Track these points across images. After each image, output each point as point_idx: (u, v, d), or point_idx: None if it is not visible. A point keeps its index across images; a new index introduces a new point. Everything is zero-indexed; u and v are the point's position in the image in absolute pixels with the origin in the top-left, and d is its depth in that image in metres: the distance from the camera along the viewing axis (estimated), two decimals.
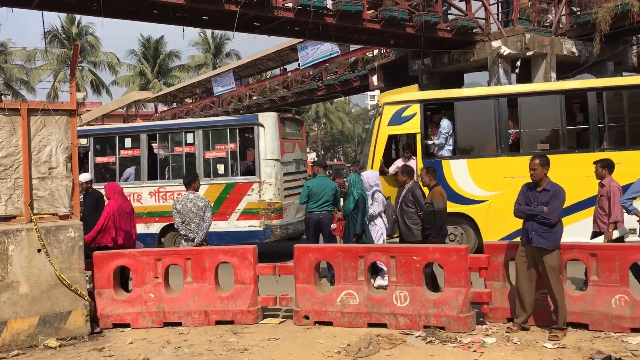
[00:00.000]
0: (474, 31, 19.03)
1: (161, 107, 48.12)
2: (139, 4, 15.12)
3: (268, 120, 11.35)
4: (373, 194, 8.95)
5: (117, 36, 72.91)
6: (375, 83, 23.87)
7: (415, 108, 10.70)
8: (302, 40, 25.30)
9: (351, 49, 27.26)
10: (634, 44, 21.65)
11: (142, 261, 7.27)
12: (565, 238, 6.14)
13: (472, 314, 6.44)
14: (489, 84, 18.81)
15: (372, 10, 17.82)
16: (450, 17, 19.37)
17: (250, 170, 11.72)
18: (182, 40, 76.12)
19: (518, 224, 6.39)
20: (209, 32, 50.13)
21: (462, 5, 19.48)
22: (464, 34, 18.88)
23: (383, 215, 8.92)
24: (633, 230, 7.74)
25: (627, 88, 10.52)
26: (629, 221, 7.51)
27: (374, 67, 24.06)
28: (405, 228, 8.07)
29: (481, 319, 6.65)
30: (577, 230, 9.16)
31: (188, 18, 16.43)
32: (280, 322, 7.07)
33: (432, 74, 21.14)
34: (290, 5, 16.13)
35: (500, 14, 20.46)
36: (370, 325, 6.61)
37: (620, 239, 7.42)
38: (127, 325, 7.13)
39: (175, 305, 7.15)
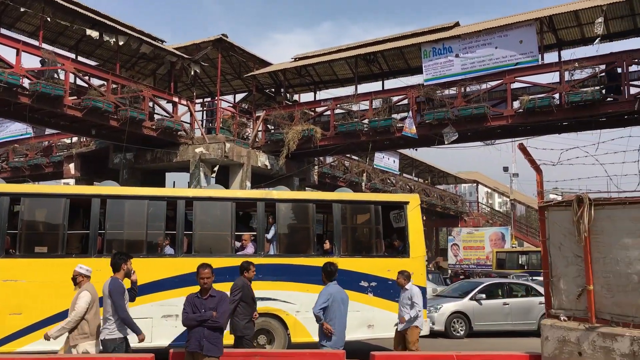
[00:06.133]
0: (178, 133, 19.60)
1: None
2: None
3: None
4: None
5: None
6: (72, 172, 22.51)
7: None
8: None
9: (47, 132, 25.40)
10: (316, 165, 24.86)
11: None
12: None
13: None
14: (189, 186, 19.32)
15: (75, 97, 17.06)
16: (156, 116, 19.68)
17: None
18: None
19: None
20: None
21: (169, 107, 20.06)
22: (168, 134, 19.29)
23: None
24: None
25: (125, 198, 10.61)
26: None
27: (72, 154, 22.75)
28: None
29: None
30: None
31: None
32: None
33: (133, 170, 20.86)
34: None
35: (204, 121, 21.60)
36: None
37: None
38: None
39: None
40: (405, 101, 19.21)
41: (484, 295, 15.25)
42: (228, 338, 7.30)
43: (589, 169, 6.35)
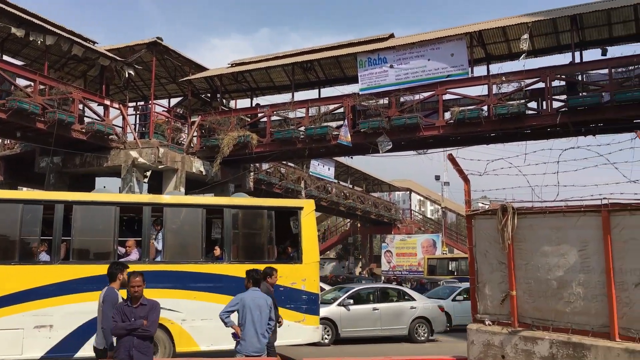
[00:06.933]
0: (109, 137, 19.06)
1: None
2: None
3: None
4: None
5: None
6: None
7: None
8: None
9: None
10: (252, 171, 24.73)
11: None
12: None
13: None
14: (120, 191, 18.79)
15: None
16: (87, 119, 19.05)
17: None
18: None
19: None
20: None
21: (101, 110, 19.46)
22: (99, 138, 18.72)
23: None
24: None
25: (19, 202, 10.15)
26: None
27: None
28: None
29: None
30: None
31: None
32: None
33: (61, 174, 20.11)
34: None
35: (137, 126, 21.10)
36: None
37: None
38: None
39: None
40: (342, 109, 19.44)
41: (351, 301, 15.16)
42: None
43: (513, 179, 6.66)
